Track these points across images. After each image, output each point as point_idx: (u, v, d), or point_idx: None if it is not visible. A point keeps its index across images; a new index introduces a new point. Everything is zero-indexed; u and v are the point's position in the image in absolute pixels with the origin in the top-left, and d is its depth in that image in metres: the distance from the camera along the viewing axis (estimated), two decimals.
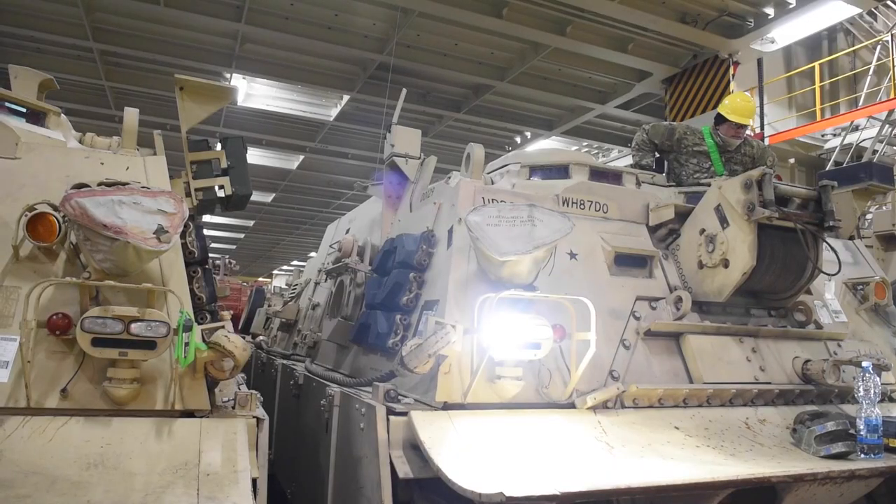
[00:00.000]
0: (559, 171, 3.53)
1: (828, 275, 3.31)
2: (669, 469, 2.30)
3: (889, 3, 11.67)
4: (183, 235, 2.77)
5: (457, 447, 2.29)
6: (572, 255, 3.09)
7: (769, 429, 2.92)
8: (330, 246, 5.35)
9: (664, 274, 3.31)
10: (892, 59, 11.46)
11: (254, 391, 2.57)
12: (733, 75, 11.43)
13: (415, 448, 2.40)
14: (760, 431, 2.89)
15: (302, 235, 27.16)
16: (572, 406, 2.68)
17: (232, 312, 3.24)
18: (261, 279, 32.65)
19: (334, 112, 14.31)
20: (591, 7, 10.00)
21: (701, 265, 3.22)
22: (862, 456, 2.67)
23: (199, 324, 2.63)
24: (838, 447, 2.68)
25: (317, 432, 3.42)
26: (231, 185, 3.15)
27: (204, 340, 2.37)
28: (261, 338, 6.63)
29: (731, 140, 4.60)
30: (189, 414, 2.34)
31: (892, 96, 11.28)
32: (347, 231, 5.13)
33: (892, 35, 11.73)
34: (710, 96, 11.66)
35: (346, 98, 13.48)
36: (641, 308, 3.12)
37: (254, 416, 2.44)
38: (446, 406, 2.54)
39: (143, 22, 10.66)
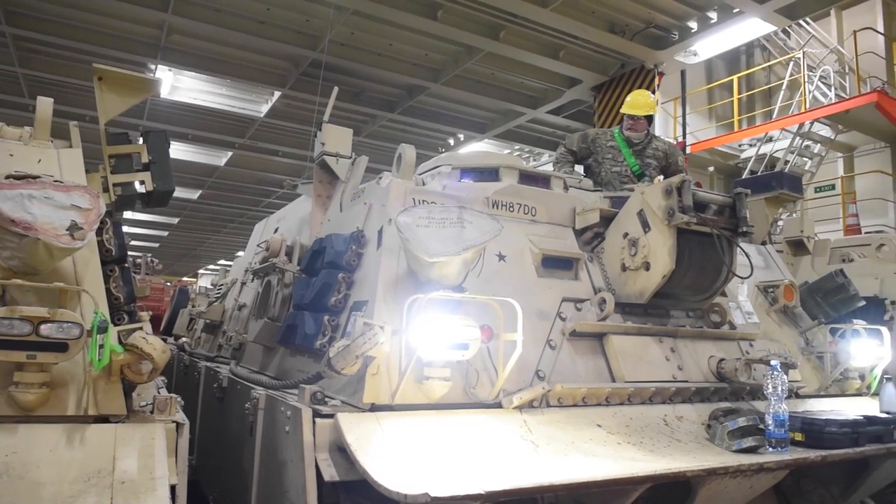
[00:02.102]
0: (489, 173, 3.57)
1: (741, 278, 3.48)
2: (591, 466, 2.36)
3: (801, 22, 12.37)
4: (99, 232, 2.65)
5: (383, 449, 2.28)
6: (501, 257, 3.13)
7: (686, 425, 3.04)
8: (258, 245, 5.23)
9: (589, 276, 3.40)
10: (803, 75, 12.16)
11: (174, 395, 2.48)
12: (658, 85, 11.86)
13: (341, 450, 2.38)
14: (678, 428, 3.01)
15: (229, 234, 26.42)
16: (499, 406, 2.72)
17: (151, 313, 3.12)
18: (185, 279, 31.57)
19: (265, 108, 13.98)
20: (524, 13, 10.16)
21: (624, 268, 3.33)
22: (770, 450, 2.82)
23: (116, 325, 2.52)
24: (749, 442, 2.82)
25: (241, 436, 3.34)
26: (152, 181, 3.04)
27: (120, 342, 2.27)
28: (184, 339, 6.41)
29: (633, 134, 4.91)
30: (104, 419, 2.24)
31: (802, 110, 11.97)
32: (276, 230, 5.03)
33: (803, 53, 12.45)
34: None
35: (277, 94, 13.20)
36: (567, 309, 3.19)
37: (173, 421, 2.36)
38: (374, 407, 2.53)
39: (62, 7, 10.11)
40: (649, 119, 5.04)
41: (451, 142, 16.11)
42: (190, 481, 2.66)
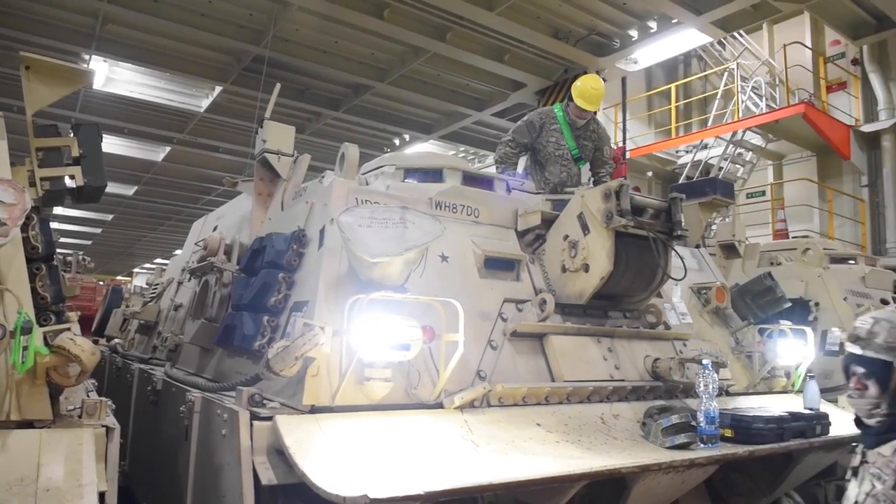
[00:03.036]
0: (433, 174, 3.58)
1: (675, 280, 3.59)
2: (530, 465, 2.40)
3: (735, 35, 12.87)
4: (24, 229, 2.52)
5: (323, 451, 2.26)
6: (444, 258, 3.14)
7: (622, 423, 3.12)
8: (195, 244, 5.10)
9: (530, 277, 3.45)
10: (737, 85, 12.65)
11: (105, 398, 2.39)
12: None
13: (280, 454, 2.34)
14: (614, 426, 3.08)
15: (167, 232, 25.62)
16: (440, 406, 2.73)
17: (80, 313, 3.00)
18: (120, 278, 30.47)
19: (205, 103, 13.63)
20: (471, 16, 10.22)
21: (564, 269, 3.39)
22: (701, 446, 2.93)
23: (42, 325, 2.41)
24: (681, 438, 2.92)
25: (176, 440, 3.24)
26: (83, 176, 2.91)
27: (46, 343, 2.17)
28: (116, 341, 6.19)
29: (577, 119, 5.03)
30: (28, 424, 2.14)
31: (735, 119, 12.45)
32: (215, 228, 4.91)
33: (737, 64, 12.95)
34: None
35: (218, 89, 12.88)
36: (508, 310, 3.23)
37: (103, 426, 2.27)
38: (314, 409, 2.49)
39: None
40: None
41: (397, 142, 16.07)
42: (121, 488, 2.57)
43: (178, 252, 8.47)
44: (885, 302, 5.42)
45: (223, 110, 13.70)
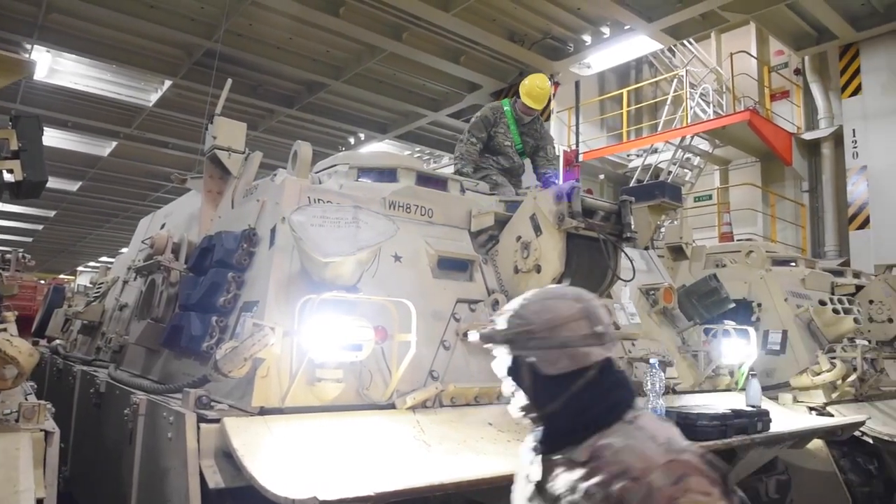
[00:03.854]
0: (387, 174, 3.57)
1: (624, 281, 3.66)
2: (481, 464, 2.41)
3: (685, 43, 13.21)
4: None
5: (272, 453, 2.23)
6: (397, 258, 3.14)
7: None
8: (142, 242, 4.96)
9: (483, 278, 3.47)
10: (686, 92, 12.98)
11: (44, 401, 2.31)
12: (554, 94, 12.28)
13: (228, 456, 2.30)
14: None
15: (112, 229, 24.86)
16: (392, 406, 2.72)
17: (18, 313, 2.88)
18: (62, 276, 29.42)
19: (154, 97, 13.28)
20: (427, 16, 10.23)
21: (517, 270, 3.42)
22: None
23: None
24: None
25: (120, 444, 3.15)
26: (22, 170, 2.80)
27: None
28: (58, 342, 5.97)
29: (524, 116, 5.20)
30: None
31: (684, 125, 12.77)
32: (162, 226, 4.79)
33: (686, 71, 13.28)
34: None
35: (167, 83, 12.57)
36: (461, 310, 3.24)
37: (41, 430, 2.19)
38: (263, 411, 2.46)
39: None
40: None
41: (352, 141, 15.97)
42: (62, 494, 2.48)
43: (124, 250, 8.23)
44: (822, 303, 5.63)
45: (173, 105, 13.38)
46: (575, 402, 1.49)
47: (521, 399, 1.59)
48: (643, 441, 1.39)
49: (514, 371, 1.59)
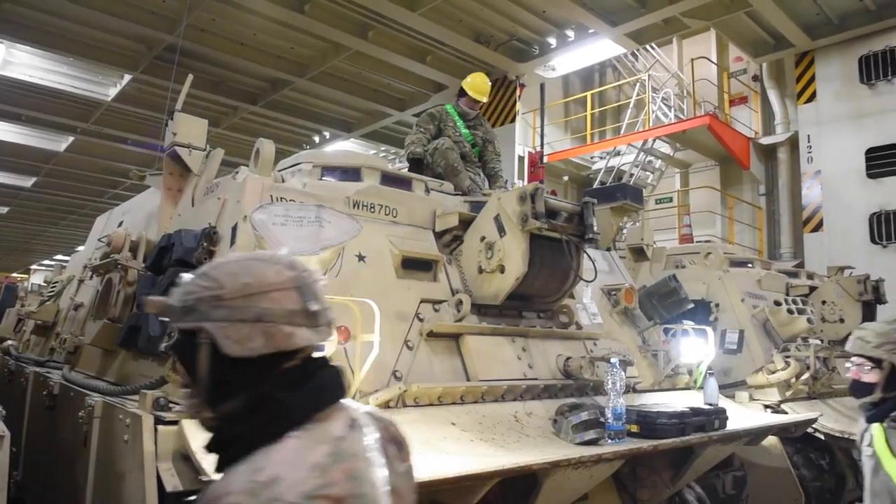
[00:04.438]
0: (351, 173, 3.55)
1: (586, 281, 3.71)
2: (444, 463, 2.41)
3: (647, 48, 13.44)
4: None
5: None
6: (360, 258, 3.12)
7: (535, 421, 3.19)
8: (99, 240, 4.85)
9: (447, 278, 3.48)
10: (648, 96, 13.20)
11: None
12: (519, 96, 12.38)
13: (186, 459, 2.26)
14: (527, 423, 3.14)
15: (68, 227, 24.18)
16: None
17: None
18: (15, 275, 28.52)
19: (113, 92, 12.96)
20: (393, 15, 10.20)
21: (480, 270, 3.43)
22: (609, 441, 3.03)
23: None
24: (590, 434, 3.01)
25: (74, 448, 3.07)
26: None
27: None
28: (9, 342, 5.79)
29: (469, 111, 5.31)
30: None
31: (646, 128, 12.99)
32: (120, 224, 4.69)
33: (648, 75, 13.51)
34: (500, 113, 12.51)
35: (127, 78, 12.29)
36: (425, 310, 3.24)
37: None
38: None
39: None
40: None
41: (316, 139, 15.83)
42: (13, 499, 2.41)
43: (80, 248, 8.01)
44: (777, 303, 5.78)
45: (132, 100, 13.08)
46: (262, 403, 1.13)
47: (193, 392, 1.19)
48: (251, 463, 1.06)
49: (186, 351, 1.18)
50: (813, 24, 10.89)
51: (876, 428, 2.58)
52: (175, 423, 2.30)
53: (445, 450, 2.59)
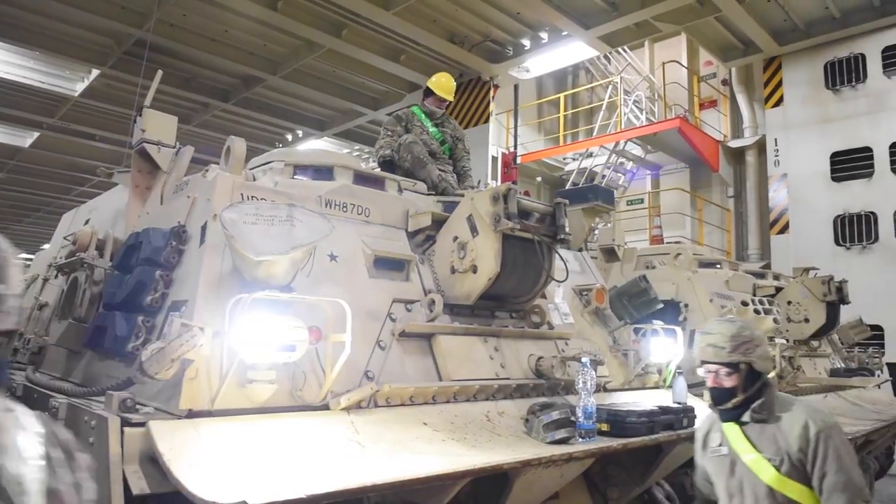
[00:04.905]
0: (323, 172, 3.53)
1: (558, 281, 3.73)
2: (415, 463, 2.41)
3: (620, 50, 13.59)
4: None
5: (200, 457, 2.16)
6: (332, 257, 3.10)
7: (506, 420, 3.21)
8: (64, 238, 4.75)
9: (420, 278, 3.47)
10: (620, 98, 13.35)
11: None
12: (493, 97, 12.43)
13: (154, 461, 2.22)
14: (499, 423, 3.16)
15: (34, 224, 23.65)
16: (326, 408, 2.69)
17: None
18: None
19: (80, 87, 12.72)
20: (367, 14, 10.17)
21: (453, 270, 3.43)
22: (580, 440, 3.06)
23: None
24: (561, 433, 3.03)
25: None
26: None
27: None
28: None
29: (435, 110, 5.35)
30: None
31: (618, 130, 13.14)
32: (87, 222, 4.59)
33: (620, 78, 13.67)
34: (473, 113, 12.54)
35: (95, 73, 12.07)
36: (397, 310, 3.23)
37: None
38: (191, 414, 2.39)
39: None
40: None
41: (289, 138, 15.72)
42: None
43: (45, 247, 7.83)
44: (744, 303, 5.89)
45: (100, 95, 12.85)
46: None
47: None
48: None
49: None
50: (781, 31, 11.12)
51: (729, 427, 2.57)
52: (142, 424, 2.26)
53: (417, 450, 2.59)
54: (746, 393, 2.50)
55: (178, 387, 2.41)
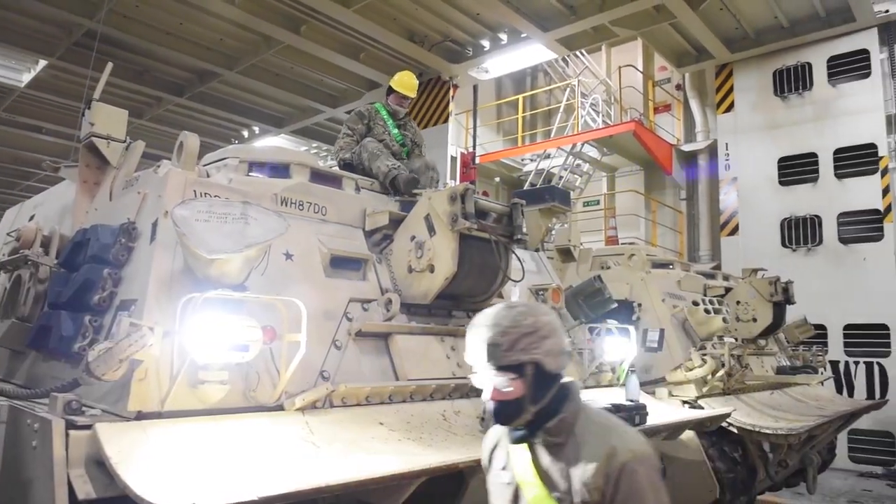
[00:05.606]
0: (280, 169, 3.48)
1: (514, 281, 3.77)
2: (370, 463, 2.40)
3: (577, 54, 13.77)
4: None
5: (149, 459, 2.12)
6: (288, 256, 3.07)
7: (462, 419, 3.22)
8: (8, 234, 4.57)
9: (377, 277, 3.46)
10: (577, 101, 13.53)
11: None
12: (453, 96, 12.45)
13: (100, 465, 2.16)
14: (455, 422, 3.17)
15: None
16: (281, 408, 2.66)
17: None
18: None
19: (27, 77, 12.27)
20: (326, 10, 10.07)
21: (410, 269, 3.43)
22: None
23: None
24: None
25: None
26: None
27: None
28: None
29: (398, 109, 5.34)
30: None
31: (575, 132, 13.31)
32: (31, 218, 4.42)
33: (578, 81, 13.85)
34: (433, 113, 12.55)
35: (42, 63, 11.65)
36: (354, 309, 3.22)
37: None
38: (140, 416, 2.33)
39: None
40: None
41: (246, 134, 15.47)
42: None
43: None
44: (695, 303, 6.04)
45: (48, 87, 12.42)
46: None
47: None
48: None
49: None
50: (732, 38, 11.42)
51: (516, 448, 1.87)
52: (88, 427, 2.20)
53: (372, 450, 2.58)
54: (538, 405, 1.81)
55: (126, 388, 2.36)
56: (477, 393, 3.44)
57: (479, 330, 1.83)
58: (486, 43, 11.60)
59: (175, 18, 10.58)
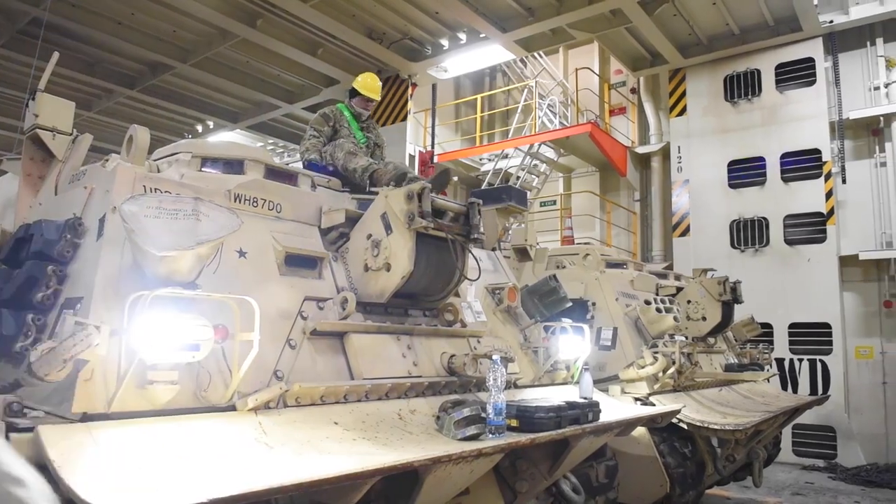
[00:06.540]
0: (233, 165, 3.42)
1: (470, 280, 3.78)
2: (324, 463, 2.38)
3: (535, 55, 13.90)
4: None
5: (95, 462, 2.05)
6: (241, 254, 3.01)
7: (418, 418, 3.22)
8: None
9: (333, 275, 3.43)
10: (535, 102, 13.66)
11: None
12: (411, 95, 12.44)
13: (43, 469, 2.08)
14: (411, 421, 3.16)
15: None
16: (233, 409, 2.61)
17: None
18: None
19: None
20: (283, 5, 9.94)
21: (367, 268, 3.41)
22: (490, 436, 3.10)
23: None
24: (472, 430, 3.07)
25: None
26: None
27: None
28: None
29: (362, 111, 5.35)
30: None
31: (532, 133, 13.44)
32: None
33: (535, 82, 13.98)
34: (391, 111, 12.50)
35: None
36: (309, 308, 3.18)
37: None
38: (86, 417, 2.26)
39: None
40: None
41: (200, 129, 15.15)
42: None
43: None
44: (647, 302, 6.17)
45: None
46: None
47: None
48: None
49: None
50: (685, 44, 11.70)
51: None
52: (30, 429, 2.12)
53: (326, 450, 2.56)
54: None
55: (71, 389, 2.28)
56: (432, 392, 3.48)
57: None
58: (445, 42, 11.63)
59: (126, 8, 10.30)
